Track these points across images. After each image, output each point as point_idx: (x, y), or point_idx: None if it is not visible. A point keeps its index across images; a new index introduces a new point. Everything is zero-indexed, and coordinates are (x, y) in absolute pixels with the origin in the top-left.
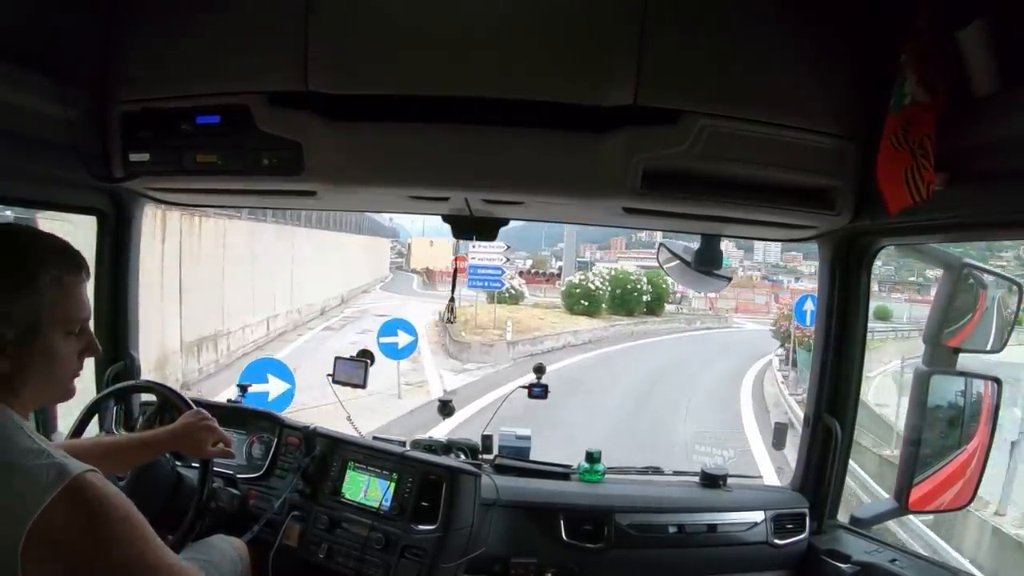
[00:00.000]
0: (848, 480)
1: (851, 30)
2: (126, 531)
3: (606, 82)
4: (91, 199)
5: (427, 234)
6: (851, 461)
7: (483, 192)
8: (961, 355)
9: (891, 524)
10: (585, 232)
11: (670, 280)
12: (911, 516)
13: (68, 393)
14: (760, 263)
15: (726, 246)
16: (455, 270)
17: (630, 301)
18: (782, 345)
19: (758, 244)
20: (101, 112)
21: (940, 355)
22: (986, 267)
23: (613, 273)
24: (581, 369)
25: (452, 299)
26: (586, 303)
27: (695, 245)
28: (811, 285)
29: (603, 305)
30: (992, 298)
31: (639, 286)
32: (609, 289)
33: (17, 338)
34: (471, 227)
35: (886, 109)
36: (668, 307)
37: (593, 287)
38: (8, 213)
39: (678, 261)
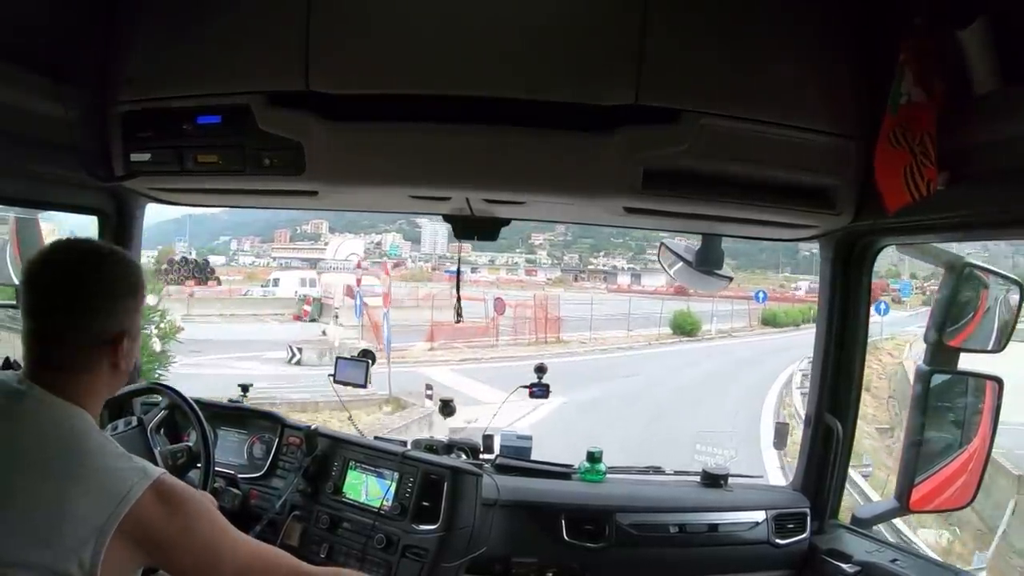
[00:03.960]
0: None
1: (852, 29)
2: (204, 521)
3: (607, 81)
4: (92, 199)
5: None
6: None
7: (484, 192)
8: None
9: None
10: (244, 224)
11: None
12: None
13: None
14: (429, 254)
15: (394, 237)
16: (459, 267)
17: None
18: None
19: (426, 234)
20: (102, 112)
21: (941, 354)
22: (988, 267)
23: None
24: None
25: (458, 297)
26: None
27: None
28: (493, 276)
29: None
30: (994, 298)
31: None
32: None
33: (131, 344)
34: (472, 227)
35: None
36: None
37: None
38: (10, 214)
39: (681, 262)
